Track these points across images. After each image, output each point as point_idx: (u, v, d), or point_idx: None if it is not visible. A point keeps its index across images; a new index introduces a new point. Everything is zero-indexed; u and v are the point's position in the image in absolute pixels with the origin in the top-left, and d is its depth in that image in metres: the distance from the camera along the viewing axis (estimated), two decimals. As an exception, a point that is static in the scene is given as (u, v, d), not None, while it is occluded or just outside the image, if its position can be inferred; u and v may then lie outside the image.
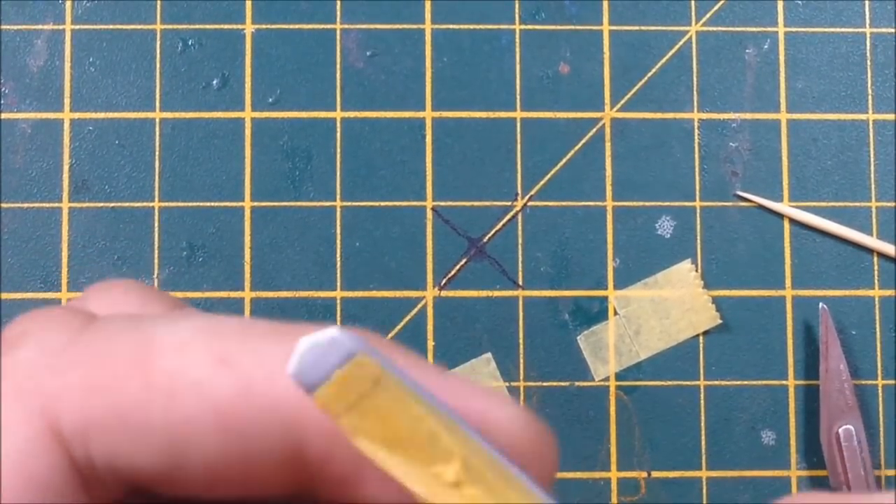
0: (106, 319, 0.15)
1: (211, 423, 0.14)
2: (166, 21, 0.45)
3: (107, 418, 0.14)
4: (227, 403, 0.14)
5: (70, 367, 0.14)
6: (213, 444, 0.14)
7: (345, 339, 0.13)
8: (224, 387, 0.14)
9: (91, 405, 0.14)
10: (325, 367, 0.13)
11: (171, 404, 0.13)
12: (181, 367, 0.14)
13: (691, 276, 0.44)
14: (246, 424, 0.14)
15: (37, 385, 0.14)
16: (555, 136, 0.45)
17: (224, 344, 0.14)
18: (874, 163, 0.45)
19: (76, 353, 0.14)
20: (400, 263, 0.44)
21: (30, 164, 0.44)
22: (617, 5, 0.45)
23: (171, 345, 0.14)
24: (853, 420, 0.42)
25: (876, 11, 0.46)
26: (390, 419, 0.13)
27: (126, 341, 0.14)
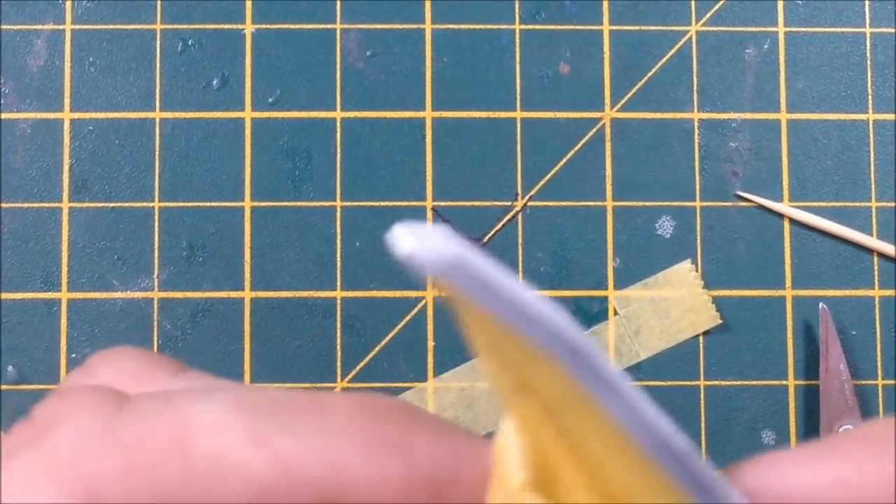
0: (139, 399, 0.15)
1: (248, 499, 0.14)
2: (166, 21, 0.45)
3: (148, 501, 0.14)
4: (266, 483, 0.14)
5: (110, 451, 0.14)
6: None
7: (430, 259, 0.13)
8: (262, 467, 0.14)
9: (132, 488, 0.14)
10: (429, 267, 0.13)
11: (210, 486, 0.14)
12: (219, 448, 0.14)
13: (691, 276, 0.44)
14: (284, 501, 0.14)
15: (79, 470, 0.14)
16: (555, 136, 0.45)
17: (259, 421, 0.14)
18: (874, 163, 0.45)
19: (114, 436, 0.14)
20: (400, 263, 0.44)
21: (30, 164, 0.44)
22: (617, 5, 0.45)
23: (208, 425, 0.14)
24: (853, 420, 0.42)
25: (876, 11, 0.46)
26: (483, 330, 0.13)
27: (162, 423, 0.14)
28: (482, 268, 0.13)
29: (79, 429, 0.14)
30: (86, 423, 0.14)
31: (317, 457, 0.14)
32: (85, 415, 0.15)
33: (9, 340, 0.43)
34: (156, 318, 0.43)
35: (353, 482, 0.14)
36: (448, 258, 0.12)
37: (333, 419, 0.14)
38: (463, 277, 0.13)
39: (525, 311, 0.13)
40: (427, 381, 0.43)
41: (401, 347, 0.44)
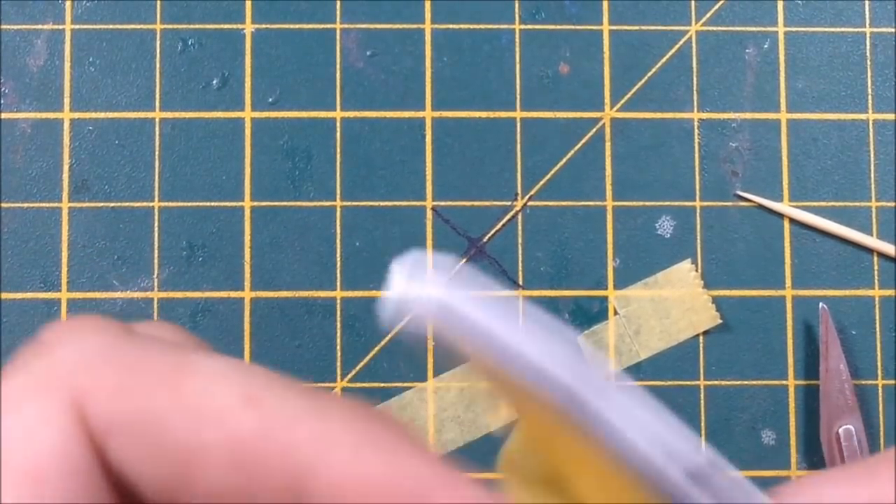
0: (145, 335, 0.16)
1: (226, 454, 0.14)
2: (166, 21, 0.45)
3: (130, 423, 0.14)
4: (246, 440, 0.14)
5: (104, 368, 0.14)
6: (222, 474, 0.14)
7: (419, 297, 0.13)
8: (246, 423, 0.14)
9: (118, 407, 0.14)
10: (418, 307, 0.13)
11: (193, 426, 0.14)
12: (211, 393, 0.14)
13: (691, 276, 0.44)
14: (258, 463, 0.14)
15: (71, 382, 0.14)
16: (555, 136, 0.45)
17: (253, 384, 0.14)
18: (874, 163, 0.45)
19: (112, 357, 0.15)
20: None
21: (30, 164, 0.44)
22: (617, 5, 0.45)
23: (205, 372, 0.14)
24: (853, 420, 0.42)
25: (876, 11, 0.46)
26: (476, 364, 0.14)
27: (162, 358, 0.15)
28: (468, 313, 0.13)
29: (79, 346, 0.15)
30: (88, 343, 0.15)
31: (301, 429, 0.14)
32: (89, 336, 0.15)
33: (9, 340, 0.43)
34: (156, 318, 0.43)
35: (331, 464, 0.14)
36: (435, 304, 0.13)
37: (327, 405, 0.15)
38: (450, 322, 0.13)
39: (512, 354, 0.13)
40: (427, 381, 0.43)
41: (401, 347, 0.44)
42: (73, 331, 0.15)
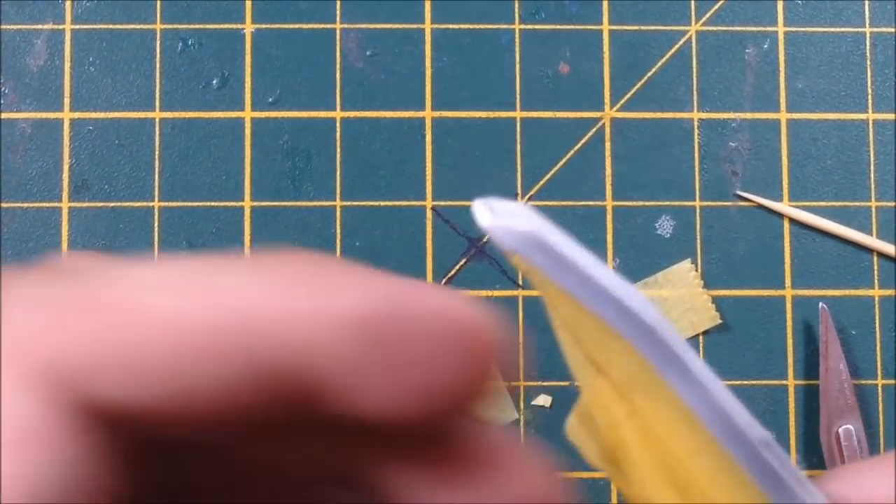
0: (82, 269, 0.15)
1: (209, 351, 0.14)
2: (166, 21, 0.45)
3: (103, 361, 0.14)
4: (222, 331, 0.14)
5: (60, 317, 0.14)
6: (213, 371, 0.14)
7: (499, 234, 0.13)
8: (219, 316, 0.14)
9: (86, 351, 0.14)
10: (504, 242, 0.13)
11: (164, 339, 0.14)
12: (172, 301, 0.14)
13: (691, 276, 0.44)
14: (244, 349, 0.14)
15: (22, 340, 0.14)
16: (555, 135, 0.45)
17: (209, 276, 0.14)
18: (874, 163, 0.45)
19: (63, 302, 0.14)
20: (400, 263, 0.44)
21: (30, 164, 0.44)
22: (617, 5, 0.45)
23: (157, 282, 0.14)
24: (853, 420, 0.42)
25: (876, 11, 0.46)
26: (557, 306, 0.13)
27: (111, 285, 0.14)
28: (555, 245, 0.13)
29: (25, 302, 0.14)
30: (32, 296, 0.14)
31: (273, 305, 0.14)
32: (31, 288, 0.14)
33: (9, 340, 0.43)
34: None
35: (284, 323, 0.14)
36: (521, 235, 0.13)
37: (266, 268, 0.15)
38: (535, 255, 0.13)
39: (597, 291, 0.13)
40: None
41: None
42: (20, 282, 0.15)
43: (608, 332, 0.13)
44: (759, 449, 0.13)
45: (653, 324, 0.13)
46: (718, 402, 0.13)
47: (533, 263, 0.13)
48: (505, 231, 0.13)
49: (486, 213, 0.13)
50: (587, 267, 0.13)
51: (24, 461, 0.13)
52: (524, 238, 0.13)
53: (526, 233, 0.13)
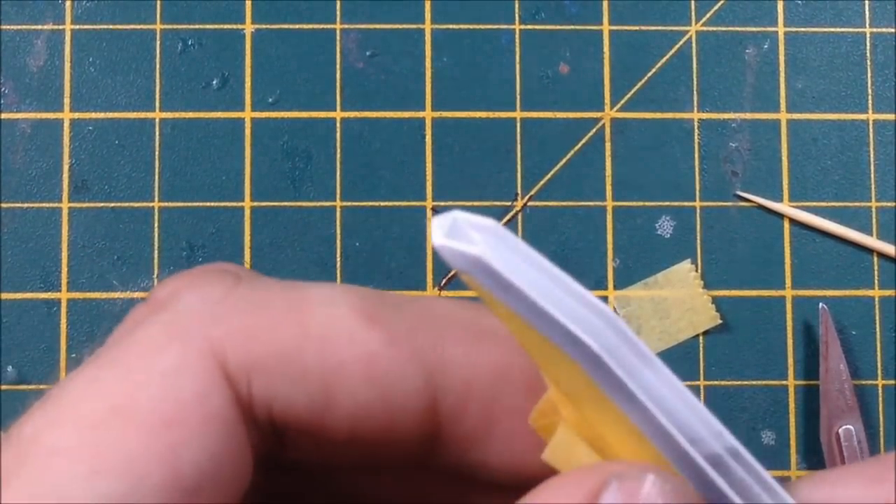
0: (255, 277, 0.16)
1: (359, 370, 0.15)
2: (166, 21, 0.45)
3: (266, 361, 0.15)
4: (375, 353, 0.15)
5: (232, 315, 0.15)
6: (359, 390, 0.15)
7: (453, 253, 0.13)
8: (372, 338, 0.15)
9: (253, 349, 0.15)
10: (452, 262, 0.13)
11: (324, 350, 0.15)
12: (334, 318, 0.15)
13: (691, 276, 0.44)
14: (390, 373, 0.15)
15: (203, 330, 0.15)
16: (555, 135, 0.45)
17: (368, 302, 0.15)
18: (874, 163, 0.45)
19: (236, 303, 0.15)
20: (400, 263, 0.44)
21: (30, 164, 0.44)
22: (617, 5, 0.45)
23: (323, 300, 0.15)
24: (853, 420, 0.42)
25: (876, 11, 0.46)
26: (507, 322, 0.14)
27: (280, 295, 0.15)
28: (500, 269, 0.13)
29: (201, 297, 0.15)
30: (207, 292, 0.15)
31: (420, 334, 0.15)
32: (206, 286, 0.15)
33: (9, 340, 0.43)
34: (156, 318, 0.43)
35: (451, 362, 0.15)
36: (467, 258, 0.13)
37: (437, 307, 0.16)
38: (481, 277, 0.13)
39: (541, 315, 0.13)
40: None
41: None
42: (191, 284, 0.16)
43: (556, 351, 0.13)
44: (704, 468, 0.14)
45: (596, 348, 0.13)
46: (662, 425, 0.13)
47: (479, 285, 0.13)
48: (452, 253, 0.13)
49: (439, 233, 0.13)
50: (530, 291, 0.13)
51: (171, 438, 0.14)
52: (470, 261, 0.13)
53: (472, 256, 0.13)
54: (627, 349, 0.14)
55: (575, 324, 0.13)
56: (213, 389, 0.14)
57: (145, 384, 0.14)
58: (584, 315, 0.14)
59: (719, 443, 0.14)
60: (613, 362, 0.13)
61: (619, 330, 0.14)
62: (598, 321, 0.14)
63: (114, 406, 0.14)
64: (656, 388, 0.14)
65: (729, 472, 0.14)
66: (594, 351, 0.13)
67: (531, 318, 0.13)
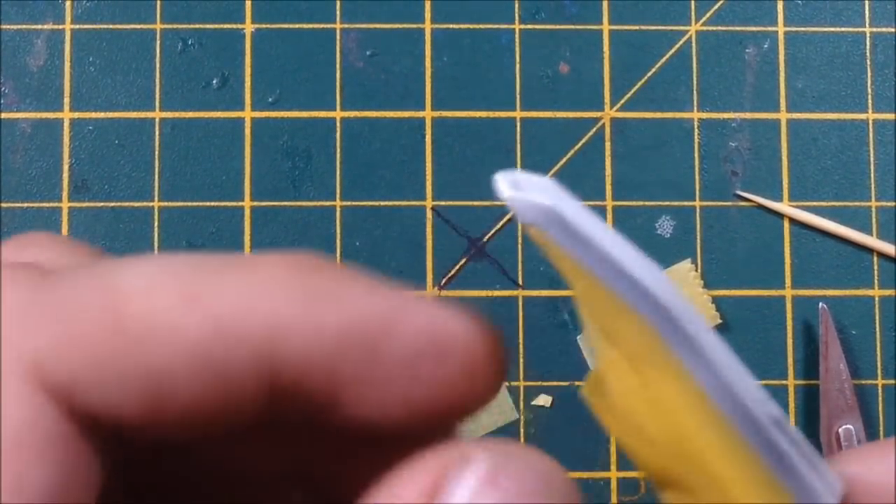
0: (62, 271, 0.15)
1: (186, 363, 0.14)
2: (166, 21, 0.45)
3: (84, 370, 0.14)
4: (201, 342, 0.14)
5: (41, 324, 0.14)
6: (190, 383, 0.14)
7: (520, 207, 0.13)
8: (195, 326, 0.14)
9: (70, 359, 0.14)
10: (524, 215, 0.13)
11: (145, 349, 0.14)
12: (151, 310, 0.14)
13: (691, 276, 0.44)
14: (220, 360, 0.14)
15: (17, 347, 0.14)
16: (555, 135, 0.45)
17: (189, 282, 0.14)
18: (874, 163, 0.45)
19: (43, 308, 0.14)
20: (400, 263, 0.44)
21: (30, 164, 0.44)
22: (617, 5, 0.45)
23: (138, 288, 0.14)
24: (853, 420, 0.42)
25: (876, 11, 0.46)
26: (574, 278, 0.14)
27: (92, 290, 0.14)
28: (572, 221, 0.13)
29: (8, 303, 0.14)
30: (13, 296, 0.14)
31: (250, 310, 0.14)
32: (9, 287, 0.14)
33: (9, 340, 0.43)
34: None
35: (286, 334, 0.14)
36: (539, 209, 0.13)
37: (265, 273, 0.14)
38: (552, 229, 0.13)
39: (611, 267, 0.13)
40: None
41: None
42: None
43: (622, 308, 0.13)
44: (768, 427, 0.13)
45: (667, 302, 0.13)
46: (728, 379, 0.13)
47: (549, 238, 0.13)
48: (524, 204, 0.13)
49: (507, 186, 0.13)
50: (603, 244, 0.13)
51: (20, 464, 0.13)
52: (542, 212, 0.13)
53: (544, 207, 0.13)
54: (690, 311, 0.14)
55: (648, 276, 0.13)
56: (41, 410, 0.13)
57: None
58: (651, 272, 0.13)
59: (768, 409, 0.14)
60: (686, 318, 0.13)
61: (680, 293, 0.14)
62: (663, 279, 0.13)
63: None
64: (717, 350, 0.14)
65: (787, 431, 0.14)
66: (666, 303, 0.13)
67: (605, 271, 0.13)
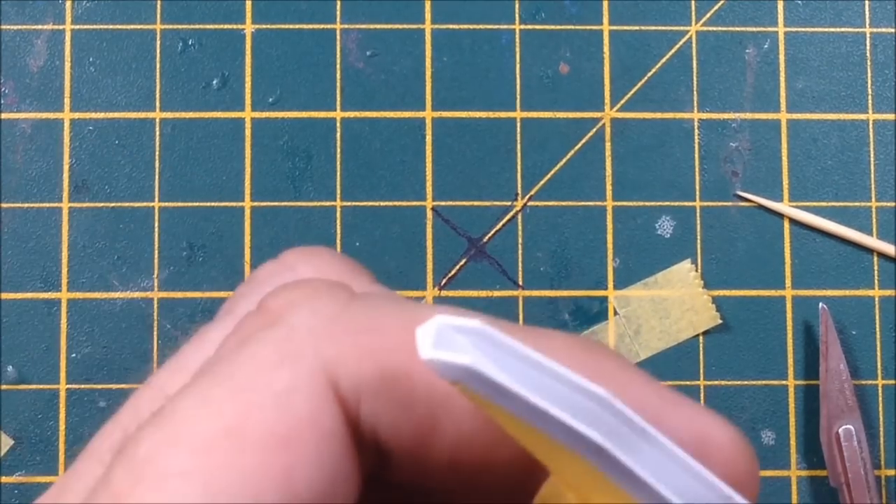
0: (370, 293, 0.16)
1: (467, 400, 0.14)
2: (166, 21, 0.45)
3: (377, 383, 0.14)
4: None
5: (345, 335, 0.15)
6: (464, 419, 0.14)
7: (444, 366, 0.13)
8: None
9: (364, 370, 0.14)
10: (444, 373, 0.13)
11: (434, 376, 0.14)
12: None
13: (691, 276, 0.44)
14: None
15: (317, 350, 0.14)
16: (555, 136, 0.45)
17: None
18: (874, 163, 0.45)
19: (349, 321, 0.15)
20: (400, 263, 0.44)
21: (30, 164, 0.44)
22: (617, 5, 0.45)
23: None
24: (853, 420, 0.42)
25: (876, 11, 0.46)
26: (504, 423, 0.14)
27: (394, 314, 0.15)
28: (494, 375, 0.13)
29: (314, 313, 0.15)
30: (321, 308, 0.15)
31: None
32: (321, 300, 0.15)
33: (9, 340, 0.43)
34: (156, 318, 0.43)
35: None
36: (458, 368, 0.13)
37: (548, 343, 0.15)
38: (475, 384, 0.13)
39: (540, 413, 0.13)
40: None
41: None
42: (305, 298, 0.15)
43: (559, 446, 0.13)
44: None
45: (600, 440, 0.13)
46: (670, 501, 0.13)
47: (474, 392, 0.13)
48: (443, 365, 0.13)
49: (426, 344, 0.13)
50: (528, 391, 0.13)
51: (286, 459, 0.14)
52: (462, 371, 0.13)
53: (463, 366, 0.13)
54: (626, 427, 0.14)
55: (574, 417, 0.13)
56: (326, 410, 0.14)
57: (258, 404, 0.14)
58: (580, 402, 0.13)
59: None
60: (616, 449, 0.13)
61: (616, 410, 0.14)
62: (594, 405, 0.14)
63: (227, 427, 0.14)
64: (660, 463, 0.14)
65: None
66: (597, 442, 0.13)
67: (531, 418, 0.13)
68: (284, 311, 0.15)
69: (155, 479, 0.13)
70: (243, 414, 0.14)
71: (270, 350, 0.14)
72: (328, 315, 0.15)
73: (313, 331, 0.15)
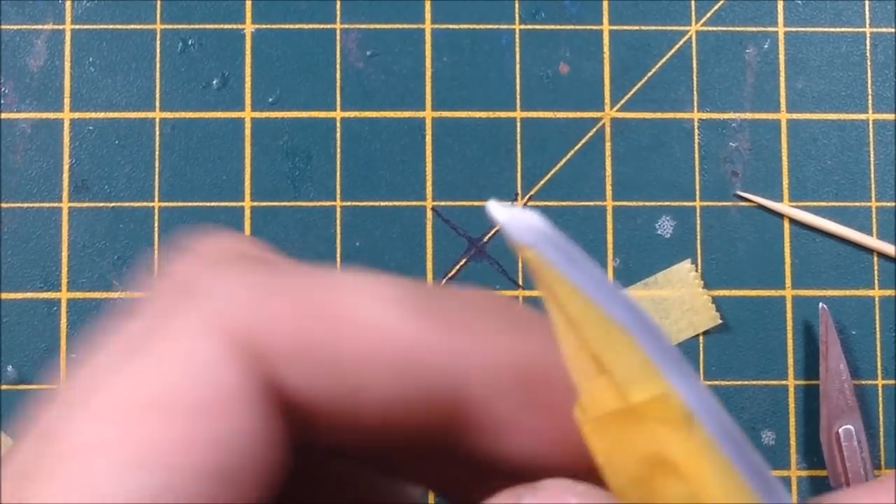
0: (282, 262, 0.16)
1: (391, 363, 0.14)
2: (166, 21, 0.45)
3: (301, 351, 0.14)
4: (410, 346, 0.15)
5: (267, 304, 0.15)
6: (392, 382, 0.15)
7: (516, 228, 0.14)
8: (407, 332, 0.15)
9: (288, 338, 0.14)
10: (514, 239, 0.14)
11: (358, 341, 0.14)
12: (370, 308, 0.15)
13: (691, 276, 0.44)
14: (424, 367, 0.15)
15: (240, 320, 0.14)
16: (555, 136, 0.45)
17: (405, 292, 0.15)
18: (874, 163, 0.45)
19: (271, 291, 0.15)
20: (400, 263, 0.44)
21: (30, 164, 0.44)
22: (617, 5, 0.45)
23: (359, 289, 0.15)
24: (853, 420, 0.42)
25: (876, 11, 0.46)
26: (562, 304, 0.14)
27: (317, 283, 0.15)
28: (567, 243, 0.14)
29: (235, 283, 0.15)
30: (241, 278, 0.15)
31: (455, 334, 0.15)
32: (238, 271, 0.15)
33: (9, 340, 0.43)
34: (156, 318, 0.43)
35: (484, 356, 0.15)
36: (537, 230, 0.14)
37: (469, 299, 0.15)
38: (549, 250, 0.14)
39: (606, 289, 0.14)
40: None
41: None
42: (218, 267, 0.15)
43: (615, 330, 0.14)
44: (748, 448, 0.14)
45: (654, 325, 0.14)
46: (713, 405, 0.14)
47: (547, 258, 0.14)
48: (523, 225, 0.14)
49: (503, 209, 0.14)
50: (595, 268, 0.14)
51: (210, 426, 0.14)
52: (540, 233, 0.14)
53: (539, 228, 0.14)
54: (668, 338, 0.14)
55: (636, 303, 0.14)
56: (250, 379, 0.14)
57: (181, 374, 0.14)
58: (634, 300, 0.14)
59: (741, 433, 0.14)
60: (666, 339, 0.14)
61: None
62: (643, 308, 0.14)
63: (149, 397, 0.14)
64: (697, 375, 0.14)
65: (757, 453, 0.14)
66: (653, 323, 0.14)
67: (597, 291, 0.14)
68: (198, 280, 0.15)
69: (73, 454, 0.13)
70: (166, 384, 0.14)
71: (193, 321, 0.14)
72: (247, 283, 0.15)
73: (236, 301, 0.15)
